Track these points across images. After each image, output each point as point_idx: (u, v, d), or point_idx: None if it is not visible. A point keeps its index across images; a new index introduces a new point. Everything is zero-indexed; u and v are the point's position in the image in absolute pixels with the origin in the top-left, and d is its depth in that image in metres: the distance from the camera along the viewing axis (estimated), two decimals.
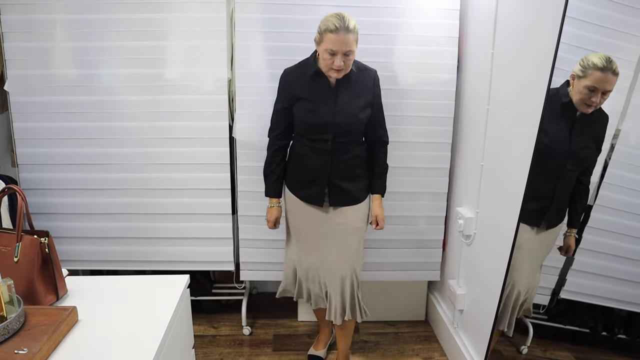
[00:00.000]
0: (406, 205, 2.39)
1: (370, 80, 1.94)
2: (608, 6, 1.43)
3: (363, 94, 1.92)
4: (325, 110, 1.88)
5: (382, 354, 2.37)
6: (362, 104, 1.91)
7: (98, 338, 1.12)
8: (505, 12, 1.85)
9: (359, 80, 1.91)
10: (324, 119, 1.88)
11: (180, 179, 2.33)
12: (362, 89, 1.91)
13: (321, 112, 1.89)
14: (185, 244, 2.40)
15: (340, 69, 1.80)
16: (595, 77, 1.43)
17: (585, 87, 1.44)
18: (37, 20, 2.18)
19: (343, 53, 1.77)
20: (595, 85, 1.43)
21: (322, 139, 1.91)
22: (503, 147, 1.87)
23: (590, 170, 1.53)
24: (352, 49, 1.78)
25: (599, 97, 1.44)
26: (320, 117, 1.88)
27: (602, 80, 1.42)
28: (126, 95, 2.25)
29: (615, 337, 1.65)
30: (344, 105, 1.88)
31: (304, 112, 1.91)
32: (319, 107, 1.89)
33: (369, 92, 1.93)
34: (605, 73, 1.41)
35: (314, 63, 1.89)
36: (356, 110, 1.90)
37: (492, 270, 1.89)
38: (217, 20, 2.19)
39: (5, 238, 1.23)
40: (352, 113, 1.89)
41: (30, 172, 2.31)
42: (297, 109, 1.93)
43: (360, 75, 1.92)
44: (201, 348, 2.37)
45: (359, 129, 1.94)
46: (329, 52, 1.78)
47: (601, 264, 1.57)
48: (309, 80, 1.89)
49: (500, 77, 1.90)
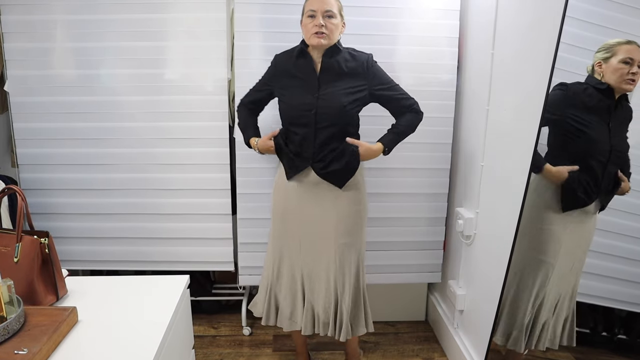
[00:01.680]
0: (407, 207, 2.39)
1: (361, 65, 1.82)
2: (608, 6, 1.43)
3: (352, 78, 1.81)
4: (307, 91, 1.80)
5: (382, 354, 2.37)
6: (348, 89, 1.80)
7: (98, 338, 1.12)
8: (506, 12, 1.85)
9: (349, 66, 1.81)
10: (304, 99, 1.79)
11: (180, 179, 2.33)
12: (351, 73, 1.81)
13: (304, 92, 1.81)
14: (185, 244, 2.40)
15: (320, 29, 1.72)
16: (626, 49, 1.37)
17: (621, 61, 1.38)
18: (37, 20, 2.18)
19: (323, 12, 1.73)
20: (631, 56, 1.36)
21: (303, 122, 1.80)
22: (503, 147, 1.87)
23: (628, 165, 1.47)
24: (333, 10, 1.74)
25: (636, 68, 1.37)
26: (301, 98, 1.80)
27: (634, 51, 1.36)
28: (126, 96, 2.25)
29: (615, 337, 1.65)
30: (326, 88, 1.79)
31: (286, 95, 1.85)
32: (302, 86, 1.81)
33: (359, 77, 1.82)
34: (632, 45, 1.36)
35: (301, 44, 1.85)
36: (340, 95, 1.78)
37: (492, 271, 1.88)
38: (217, 20, 2.20)
39: (5, 238, 1.23)
40: (335, 97, 1.78)
41: (30, 173, 2.31)
42: (278, 92, 1.88)
43: (351, 61, 1.82)
44: (201, 348, 2.37)
45: (344, 115, 1.80)
46: (308, 15, 1.75)
47: (602, 264, 1.57)
48: (294, 60, 1.85)
49: (501, 78, 1.90)
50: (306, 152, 1.84)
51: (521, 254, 1.69)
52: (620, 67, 1.38)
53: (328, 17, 1.74)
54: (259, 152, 1.95)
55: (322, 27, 1.73)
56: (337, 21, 1.77)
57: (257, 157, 2.28)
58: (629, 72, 1.37)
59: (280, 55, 1.93)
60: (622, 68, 1.38)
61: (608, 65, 1.40)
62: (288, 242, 1.95)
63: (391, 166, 2.31)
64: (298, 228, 1.92)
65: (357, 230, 1.92)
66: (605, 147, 1.49)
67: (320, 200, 1.89)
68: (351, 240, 1.90)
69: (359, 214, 1.92)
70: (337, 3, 1.78)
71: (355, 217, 1.91)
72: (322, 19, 1.73)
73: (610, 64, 1.40)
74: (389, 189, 2.34)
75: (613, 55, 1.39)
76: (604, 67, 1.41)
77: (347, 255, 1.89)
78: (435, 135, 2.32)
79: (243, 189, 2.32)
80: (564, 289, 1.63)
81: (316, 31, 1.74)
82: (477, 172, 2.08)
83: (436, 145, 2.34)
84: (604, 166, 1.49)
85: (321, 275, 1.92)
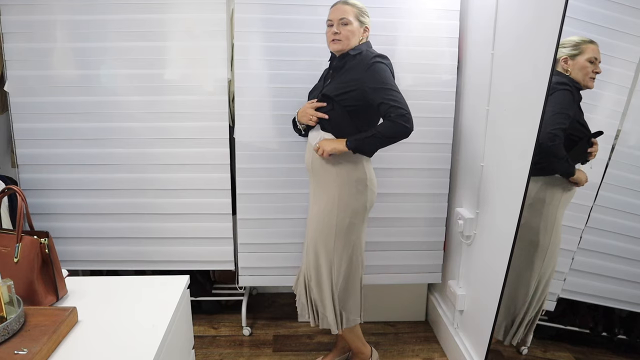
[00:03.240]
0: (407, 207, 2.39)
1: (364, 64, 1.81)
2: (608, 6, 1.43)
3: (350, 77, 1.82)
4: (315, 92, 1.96)
5: (382, 354, 2.37)
6: (342, 86, 1.82)
7: (98, 338, 1.12)
8: (505, 12, 1.85)
9: (355, 64, 1.83)
10: (314, 96, 1.94)
11: (180, 179, 2.33)
12: (353, 72, 1.82)
13: (313, 92, 1.97)
14: (186, 244, 2.40)
15: (335, 36, 1.84)
16: (592, 49, 1.47)
17: (586, 60, 1.47)
18: (37, 21, 2.18)
19: (338, 21, 1.83)
20: (595, 55, 1.46)
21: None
22: (503, 147, 1.88)
23: None
24: (348, 17, 1.83)
25: (598, 67, 1.47)
26: (313, 94, 1.96)
27: (597, 51, 1.46)
28: (126, 96, 2.25)
29: (615, 337, 1.65)
30: (328, 86, 1.89)
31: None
32: (319, 85, 1.97)
33: (357, 75, 1.81)
34: (595, 45, 1.46)
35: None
36: (331, 91, 1.84)
37: (492, 271, 1.88)
38: (217, 20, 2.20)
39: (5, 239, 1.23)
40: (329, 89, 1.85)
41: (30, 173, 2.31)
42: None
43: (360, 60, 1.82)
44: (201, 348, 2.37)
45: (332, 113, 1.83)
46: (328, 24, 1.87)
47: (601, 264, 1.57)
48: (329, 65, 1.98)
49: (500, 78, 1.90)
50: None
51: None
52: (586, 66, 1.48)
53: (343, 25, 1.84)
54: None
55: (336, 35, 1.84)
56: (353, 27, 1.85)
57: (257, 157, 2.28)
58: (593, 70, 1.47)
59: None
60: (587, 66, 1.48)
61: (575, 62, 1.49)
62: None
63: (391, 166, 2.31)
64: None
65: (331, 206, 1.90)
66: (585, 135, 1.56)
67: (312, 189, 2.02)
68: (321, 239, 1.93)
69: (330, 215, 1.89)
70: (354, 9, 1.85)
71: (325, 217, 1.91)
72: (337, 27, 1.84)
73: (578, 62, 1.49)
74: (389, 189, 2.34)
75: (580, 53, 1.48)
76: (570, 64, 1.50)
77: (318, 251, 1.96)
78: (435, 136, 2.32)
79: (243, 189, 2.32)
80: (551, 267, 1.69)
81: (332, 38, 1.86)
82: (477, 172, 2.08)
83: (436, 145, 2.34)
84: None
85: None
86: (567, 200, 1.62)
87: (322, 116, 1.86)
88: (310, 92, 2.01)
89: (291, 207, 2.33)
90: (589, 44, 1.46)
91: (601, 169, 1.51)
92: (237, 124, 2.27)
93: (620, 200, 1.52)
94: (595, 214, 1.54)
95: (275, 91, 2.22)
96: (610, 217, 1.53)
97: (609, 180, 1.51)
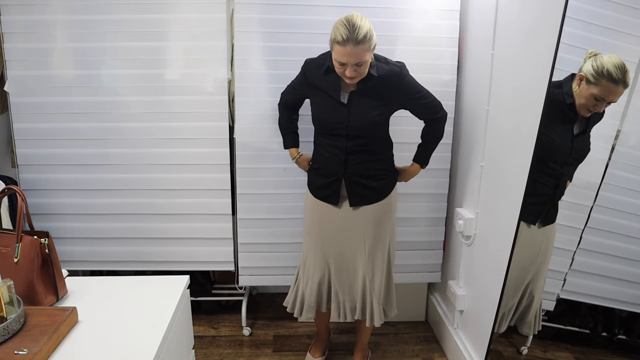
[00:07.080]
0: (407, 207, 2.38)
1: (394, 80, 1.81)
2: (608, 6, 1.43)
3: (381, 94, 1.82)
4: (337, 108, 1.83)
5: (382, 354, 2.37)
6: (378, 102, 1.82)
7: (98, 339, 1.12)
8: (505, 12, 1.85)
9: (380, 82, 1.80)
10: (336, 116, 1.83)
11: (180, 179, 2.32)
12: (382, 89, 1.81)
13: (334, 108, 1.84)
14: (185, 244, 2.40)
15: (351, 80, 1.75)
16: (606, 88, 1.38)
17: (593, 95, 1.41)
18: (37, 20, 2.18)
19: (353, 64, 1.69)
20: (604, 96, 1.39)
21: (338, 134, 1.85)
22: (503, 147, 1.88)
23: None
24: (363, 59, 1.68)
25: (603, 106, 1.41)
26: (332, 113, 1.84)
27: (613, 92, 1.38)
28: (126, 96, 2.25)
29: (615, 337, 1.65)
30: (356, 104, 1.82)
31: (318, 107, 1.89)
32: (332, 103, 1.84)
33: (391, 91, 1.82)
34: (617, 85, 1.36)
35: (328, 62, 1.82)
36: (369, 109, 1.81)
37: (492, 271, 1.88)
38: (217, 20, 2.19)
39: (5, 239, 1.23)
40: (364, 113, 1.81)
41: (30, 173, 2.31)
42: (313, 101, 1.92)
43: (383, 77, 1.80)
44: (201, 349, 2.37)
45: (375, 128, 1.85)
46: (338, 62, 1.71)
47: (601, 264, 1.57)
48: (323, 74, 1.85)
49: (500, 78, 1.90)
50: (336, 179, 1.94)
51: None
52: (591, 100, 1.43)
53: (358, 65, 1.70)
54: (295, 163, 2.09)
55: (353, 78, 1.73)
56: (367, 59, 1.71)
57: (257, 157, 2.28)
58: (594, 106, 1.43)
59: (310, 65, 1.92)
60: (591, 101, 1.43)
61: (585, 88, 1.43)
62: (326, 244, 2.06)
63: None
64: (336, 239, 2.05)
65: (390, 213, 2.02)
66: (566, 150, 1.56)
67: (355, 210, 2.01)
68: (386, 221, 2.00)
69: (391, 200, 2.01)
70: (367, 44, 1.67)
71: (387, 202, 2.00)
72: (352, 70, 1.70)
73: (587, 90, 1.43)
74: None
75: (595, 84, 1.40)
76: (582, 86, 1.44)
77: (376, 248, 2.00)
78: None
79: (243, 189, 2.32)
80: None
81: (348, 79, 1.74)
82: (477, 172, 2.08)
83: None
84: (562, 168, 1.56)
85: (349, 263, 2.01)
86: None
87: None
88: (326, 108, 1.86)
89: (291, 207, 2.33)
90: (610, 82, 1.36)
91: (601, 169, 1.51)
92: (237, 124, 2.27)
93: (620, 200, 1.52)
94: (595, 214, 1.54)
95: (275, 91, 2.22)
96: (610, 217, 1.53)
97: (609, 180, 1.51)
